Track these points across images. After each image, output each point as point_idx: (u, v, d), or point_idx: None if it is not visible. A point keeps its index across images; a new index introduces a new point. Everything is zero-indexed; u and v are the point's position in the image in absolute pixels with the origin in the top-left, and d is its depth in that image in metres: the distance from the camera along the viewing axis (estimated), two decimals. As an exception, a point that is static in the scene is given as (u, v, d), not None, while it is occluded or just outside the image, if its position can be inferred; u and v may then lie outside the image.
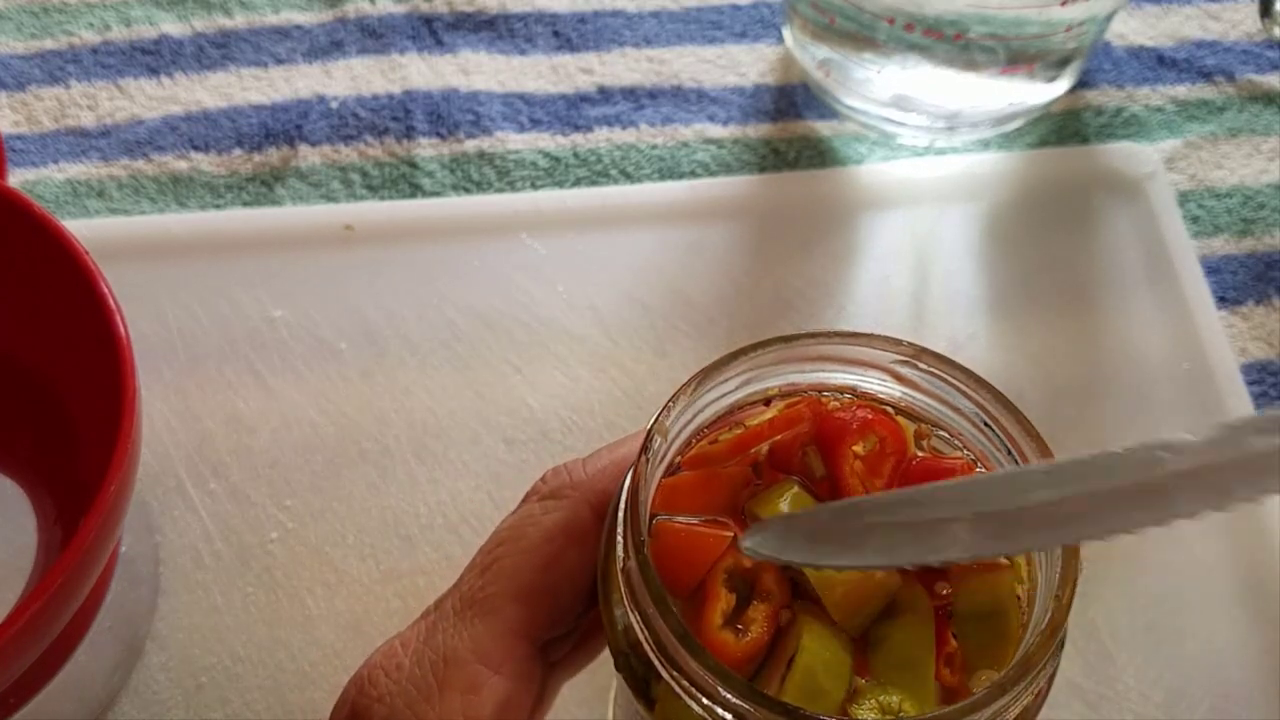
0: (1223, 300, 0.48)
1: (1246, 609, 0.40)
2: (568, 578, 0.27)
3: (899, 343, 0.26)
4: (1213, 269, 0.48)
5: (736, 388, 0.26)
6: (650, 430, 0.25)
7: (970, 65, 0.47)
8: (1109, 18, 0.48)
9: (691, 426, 0.26)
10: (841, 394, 0.27)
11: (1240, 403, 0.44)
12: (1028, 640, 0.23)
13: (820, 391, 0.27)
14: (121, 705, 0.39)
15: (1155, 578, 0.41)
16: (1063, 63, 0.49)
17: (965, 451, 0.26)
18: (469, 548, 0.41)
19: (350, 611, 0.40)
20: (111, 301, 0.34)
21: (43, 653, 0.31)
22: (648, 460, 0.24)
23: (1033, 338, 0.46)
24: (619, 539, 0.25)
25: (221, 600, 0.40)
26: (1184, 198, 0.50)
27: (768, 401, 0.27)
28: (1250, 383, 0.45)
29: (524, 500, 0.29)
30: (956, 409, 0.26)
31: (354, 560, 0.41)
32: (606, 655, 0.30)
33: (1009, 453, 0.25)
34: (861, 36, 0.47)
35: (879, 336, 0.26)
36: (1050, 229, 0.49)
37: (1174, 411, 0.44)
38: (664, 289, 0.47)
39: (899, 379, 0.26)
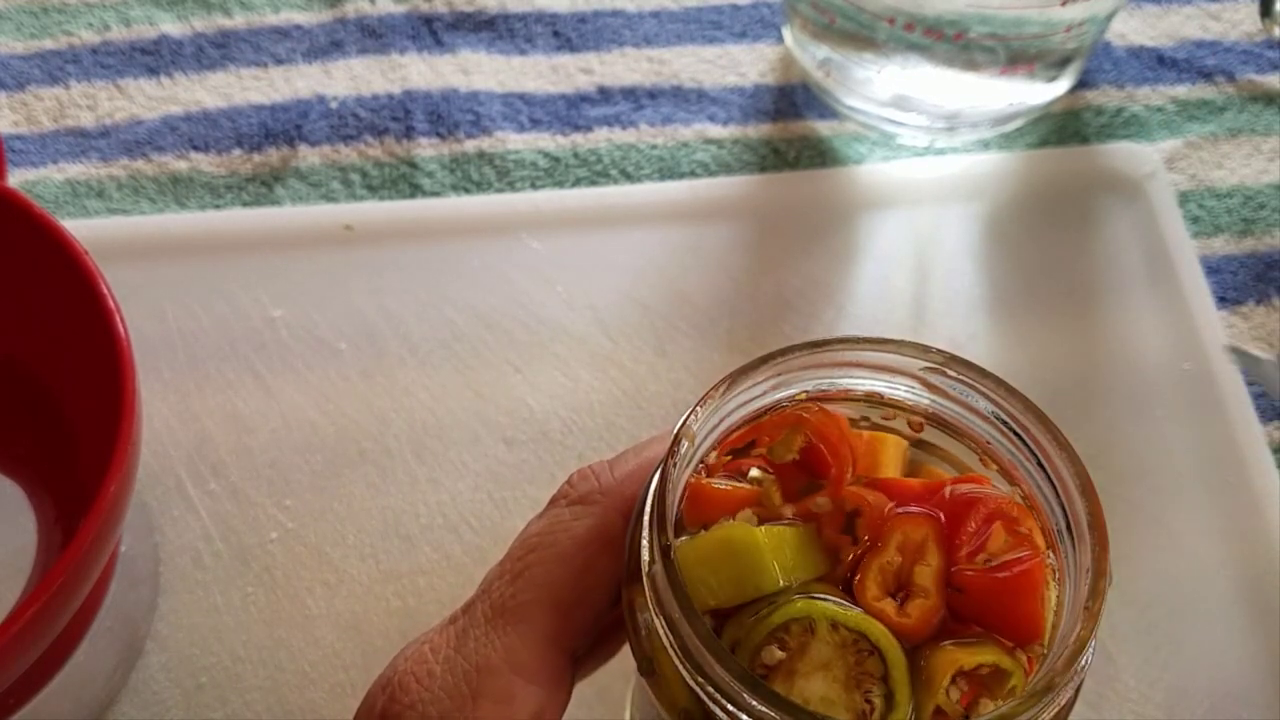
0: (1223, 300, 0.48)
1: (1246, 609, 0.40)
2: (600, 586, 0.27)
3: (928, 350, 0.25)
4: (1213, 269, 0.48)
5: (763, 393, 0.26)
6: (677, 434, 0.24)
7: (970, 65, 0.47)
8: (1109, 18, 0.48)
9: (718, 431, 0.26)
10: (869, 401, 0.26)
11: (1240, 403, 0.44)
12: (1055, 652, 0.23)
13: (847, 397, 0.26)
14: (121, 705, 0.39)
15: (1155, 579, 0.41)
16: (1063, 63, 0.49)
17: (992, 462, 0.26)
18: (469, 548, 0.41)
19: (350, 611, 0.40)
20: (111, 301, 0.34)
21: (43, 653, 0.31)
22: (674, 465, 0.24)
23: (1033, 338, 0.46)
24: (644, 543, 0.24)
25: (221, 600, 0.40)
26: (1184, 198, 0.50)
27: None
28: (1250, 383, 0.45)
29: (551, 504, 0.28)
30: (985, 417, 0.25)
31: (354, 560, 0.41)
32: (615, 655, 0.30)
33: (1039, 463, 0.25)
34: (861, 36, 0.47)
35: (908, 343, 0.25)
36: (1050, 229, 0.49)
37: (1174, 412, 0.44)
38: (664, 289, 0.47)
39: (928, 386, 0.26)
